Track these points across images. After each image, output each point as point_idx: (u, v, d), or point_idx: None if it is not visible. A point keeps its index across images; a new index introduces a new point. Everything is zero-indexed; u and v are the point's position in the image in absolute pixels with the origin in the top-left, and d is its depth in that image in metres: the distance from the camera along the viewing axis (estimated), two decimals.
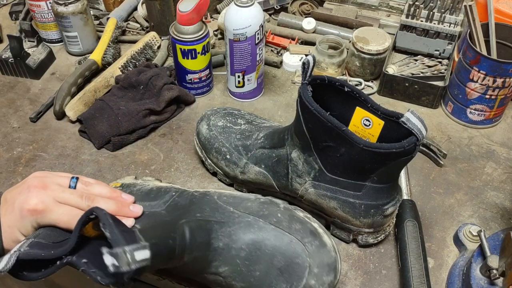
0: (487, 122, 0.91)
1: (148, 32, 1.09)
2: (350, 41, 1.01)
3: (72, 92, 0.94)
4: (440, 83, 0.94)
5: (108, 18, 1.09)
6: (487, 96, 0.86)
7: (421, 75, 0.97)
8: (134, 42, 1.05)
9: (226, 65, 0.93)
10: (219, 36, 1.11)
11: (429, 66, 0.99)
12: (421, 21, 0.98)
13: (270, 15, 1.15)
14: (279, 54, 1.07)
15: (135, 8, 1.17)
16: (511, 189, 0.81)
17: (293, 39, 1.08)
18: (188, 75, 0.93)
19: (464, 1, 0.94)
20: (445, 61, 0.99)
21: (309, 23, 1.07)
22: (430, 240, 0.74)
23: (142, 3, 1.15)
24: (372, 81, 1.00)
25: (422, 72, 0.98)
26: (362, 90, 0.82)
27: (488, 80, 0.83)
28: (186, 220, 0.58)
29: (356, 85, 0.98)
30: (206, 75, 0.95)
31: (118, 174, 0.83)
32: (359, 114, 0.65)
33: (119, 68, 0.97)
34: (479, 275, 0.63)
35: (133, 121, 0.87)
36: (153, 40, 1.04)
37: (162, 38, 1.06)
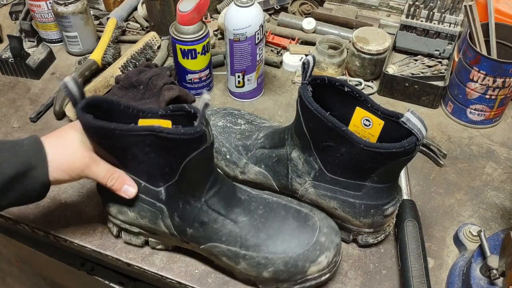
0: (487, 122, 0.91)
1: (148, 32, 1.09)
2: (350, 41, 1.01)
3: None
4: (440, 83, 0.94)
5: (108, 18, 1.09)
6: (487, 96, 0.86)
7: (421, 75, 0.97)
8: (134, 42, 1.05)
9: (226, 65, 0.93)
10: (219, 36, 1.11)
11: (429, 66, 0.99)
12: (421, 21, 0.98)
13: (270, 15, 1.15)
14: (279, 54, 1.07)
15: (135, 8, 1.17)
16: (511, 189, 0.81)
17: (293, 39, 1.08)
18: (188, 75, 0.93)
19: (464, 1, 0.94)
20: (445, 61, 0.99)
21: (309, 23, 1.07)
22: (430, 240, 0.74)
23: (142, 3, 1.15)
24: (372, 81, 1.00)
25: (422, 72, 0.98)
26: (362, 90, 0.82)
27: (488, 80, 0.83)
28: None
29: (356, 85, 0.98)
30: (206, 75, 0.95)
31: None
32: (359, 114, 0.65)
33: (119, 68, 0.97)
34: (479, 275, 0.63)
35: None
36: (153, 40, 1.04)
37: (162, 38, 1.06)
